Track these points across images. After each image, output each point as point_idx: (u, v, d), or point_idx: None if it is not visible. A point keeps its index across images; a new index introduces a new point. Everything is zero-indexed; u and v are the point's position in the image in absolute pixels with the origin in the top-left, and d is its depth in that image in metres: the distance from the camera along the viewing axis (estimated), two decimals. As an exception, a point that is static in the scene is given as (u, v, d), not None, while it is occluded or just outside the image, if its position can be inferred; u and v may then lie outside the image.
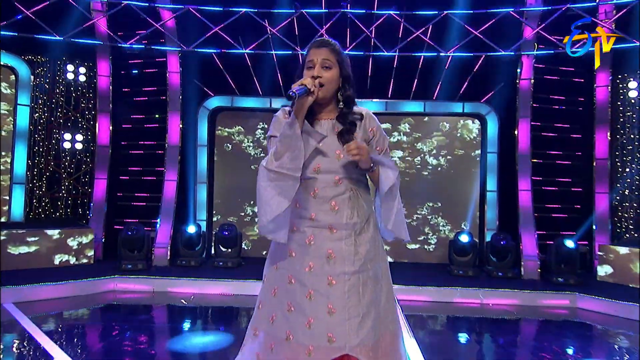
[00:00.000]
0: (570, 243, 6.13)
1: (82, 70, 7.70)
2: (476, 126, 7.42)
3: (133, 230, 6.16)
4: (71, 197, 7.69)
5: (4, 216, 6.63)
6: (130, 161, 7.60)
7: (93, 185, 7.41)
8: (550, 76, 7.12)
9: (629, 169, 6.83)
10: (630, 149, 6.83)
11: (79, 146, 7.67)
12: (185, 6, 6.73)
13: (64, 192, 7.64)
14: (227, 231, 6.64)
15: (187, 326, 4.83)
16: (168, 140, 7.22)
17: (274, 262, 1.97)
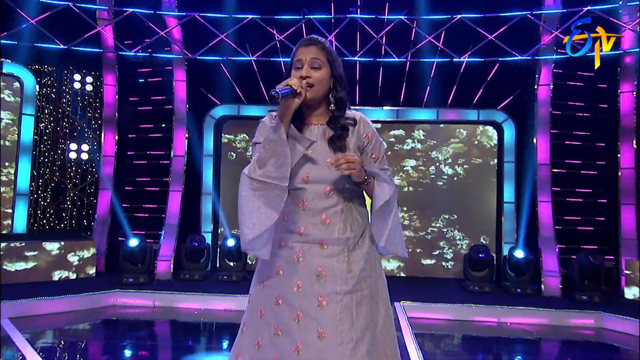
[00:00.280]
0: (593, 257, 5.82)
1: (88, 79, 7.71)
2: (497, 133, 7.17)
3: (136, 242, 6.06)
4: (76, 209, 7.66)
5: (5, 229, 6.58)
6: (135, 172, 7.54)
7: (98, 196, 7.37)
8: (570, 82, 6.86)
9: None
10: (658, 157, 6.51)
11: (84, 156, 7.65)
12: (191, 13, 6.68)
13: (69, 203, 7.61)
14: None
15: (189, 344, 4.67)
16: (173, 150, 7.14)
17: (261, 281, 1.82)
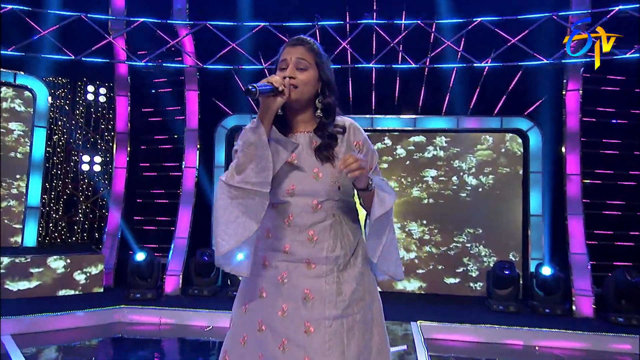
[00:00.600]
0: (631, 275, 5.43)
1: (102, 91, 7.76)
2: (522, 141, 6.83)
3: (143, 256, 5.97)
4: (88, 221, 7.66)
5: (15, 242, 6.59)
6: (146, 184, 7.50)
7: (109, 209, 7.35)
8: (601, 86, 6.52)
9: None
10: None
11: (97, 168, 7.67)
12: (202, 22, 6.65)
13: (80, 216, 7.62)
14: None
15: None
16: (185, 162, 7.08)
17: (242, 304, 1.69)
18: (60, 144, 7.50)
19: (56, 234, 7.37)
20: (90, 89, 7.70)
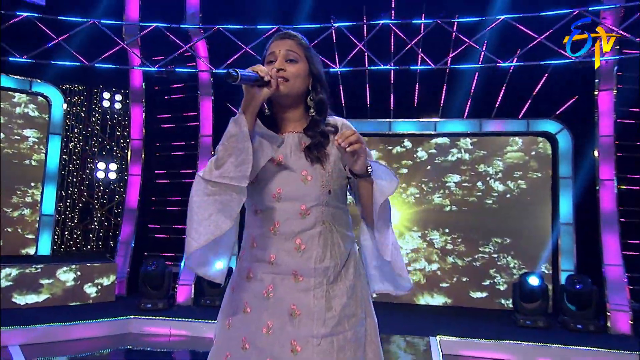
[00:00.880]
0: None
1: (117, 97, 7.83)
2: (550, 146, 6.52)
3: (153, 265, 5.93)
4: (103, 229, 7.71)
5: (30, 250, 6.65)
6: (160, 191, 7.50)
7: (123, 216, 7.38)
8: (636, 85, 6.19)
9: None
10: None
11: (112, 176, 7.72)
12: (214, 26, 6.63)
13: (96, 224, 7.68)
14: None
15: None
16: (199, 168, 7.05)
17: (226, 318, 1.61)
18: (76, 151, 7.58)
19: (71, 242, 7.44)
20: (106, 95, 7.78)
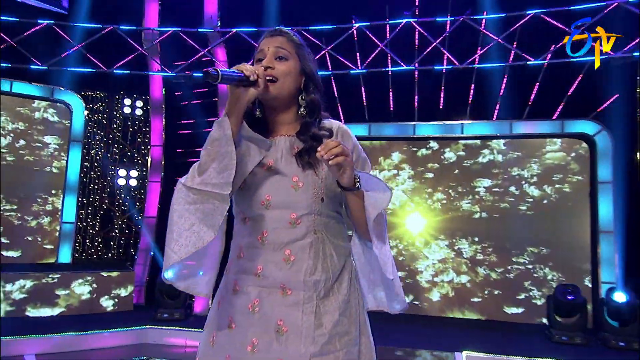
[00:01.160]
0: None
1: (138, 103, 7.90)
2: (588, 148, 6.14)
3: (170, 275, 5.89)
4: (124, 237, 7.76)
5: (50, 258, 6.73)
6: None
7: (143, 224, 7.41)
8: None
9: None
10: None
11: (133, 182, 7.78)
12: (230, 29, 6.61)
13: (117, 231, 7.74)
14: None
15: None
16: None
17: (211, 335, 1.53)
18: (97, 158, 7.67)
19: (92, 250, 7.51)
20: (127, 102, 7.85)
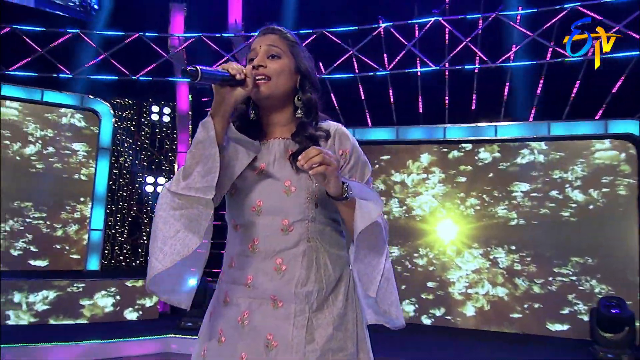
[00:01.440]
0: None
1: (166, 110, 8.02)
2: (635, 150, 5.74)
3: (193, 283, 5.89)
4: (152, 244, 7.86)
5: (79, 266, 6.84)
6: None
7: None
8: None
9: None
10: None
11: (160, 189, 7.88)
12: (252, 33, 6.60)
13: (145, 238, 7.85)
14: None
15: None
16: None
17: (202, 348, 1.50)
18: (126, 165, 7.82)
19: (120, 257, 7.64)
20: (155, 109, 7.99)
